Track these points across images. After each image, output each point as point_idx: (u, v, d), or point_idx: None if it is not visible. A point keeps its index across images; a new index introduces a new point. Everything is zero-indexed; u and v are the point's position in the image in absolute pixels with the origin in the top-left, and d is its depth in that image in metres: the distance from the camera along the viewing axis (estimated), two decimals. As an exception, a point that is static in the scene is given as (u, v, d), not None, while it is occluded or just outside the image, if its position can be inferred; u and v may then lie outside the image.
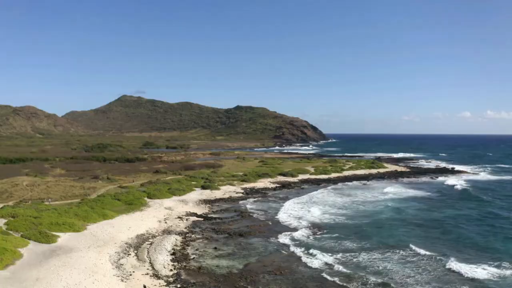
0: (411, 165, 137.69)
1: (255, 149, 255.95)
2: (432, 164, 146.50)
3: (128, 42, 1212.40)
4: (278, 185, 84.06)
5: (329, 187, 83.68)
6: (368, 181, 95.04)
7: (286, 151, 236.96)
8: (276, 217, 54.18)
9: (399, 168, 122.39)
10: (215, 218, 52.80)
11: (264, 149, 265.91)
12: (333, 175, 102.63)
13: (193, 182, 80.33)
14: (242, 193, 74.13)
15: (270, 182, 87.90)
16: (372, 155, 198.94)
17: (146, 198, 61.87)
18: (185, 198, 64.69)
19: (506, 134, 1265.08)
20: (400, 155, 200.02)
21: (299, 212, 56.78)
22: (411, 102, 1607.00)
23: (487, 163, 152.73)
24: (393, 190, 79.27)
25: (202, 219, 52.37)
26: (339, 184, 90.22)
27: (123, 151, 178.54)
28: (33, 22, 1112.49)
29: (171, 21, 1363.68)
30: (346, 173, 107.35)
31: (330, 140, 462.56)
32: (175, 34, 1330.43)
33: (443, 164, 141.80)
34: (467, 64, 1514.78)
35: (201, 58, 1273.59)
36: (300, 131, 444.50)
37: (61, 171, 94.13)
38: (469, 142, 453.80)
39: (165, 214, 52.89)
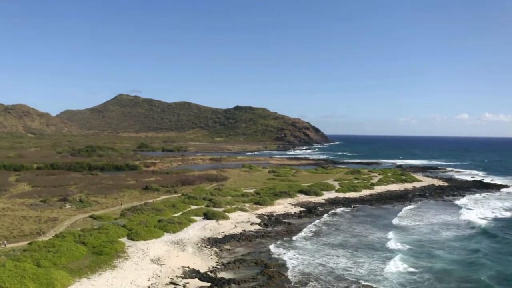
0: (444, 177, 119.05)
1: (257, 153, 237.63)
2: (465, 175, 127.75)
3: (125, 39, 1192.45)
4: (302, 209, 65.09)
5: (368, 213, 65.07)
6: (410, 202, 76.05)
7: (292, 155, 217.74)
8: (323, 279, 35.25)
9: (435, 182, 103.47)
10: (228, 282, 33.90)
11: (267, 152, 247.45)
12: (364, 192, 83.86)
13: (192, 207, 61.35)
14: (259, 223, 55.18)
15: (291, 204, 68.97)
16: (390, 161, 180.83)
17: (125, 239, 42.94)
18: (181, 238, 45.66)
19: (506, 136, 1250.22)
20: (422, 162, 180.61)
21: (357, 269, 37.67)
22: (409, 103, 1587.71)
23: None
24: (465, 221, 60.69)
25: (208, 284, 33.44)
26: (376, 205, 71.93)
27: (113, 156, 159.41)
28: (28, 18, 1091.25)
29: (170, 20, 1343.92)
30: (377, 188, 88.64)
31: (333, 143, 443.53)
32: (174, 32, 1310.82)
33: (477, 176, 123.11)
34: (466, 65, 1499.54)
35: (199, 56, 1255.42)
36: (303, 132, 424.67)
37: (25, 188, 74.68)
38: (476, 145, 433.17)
39: (150, 276, 33.84)
